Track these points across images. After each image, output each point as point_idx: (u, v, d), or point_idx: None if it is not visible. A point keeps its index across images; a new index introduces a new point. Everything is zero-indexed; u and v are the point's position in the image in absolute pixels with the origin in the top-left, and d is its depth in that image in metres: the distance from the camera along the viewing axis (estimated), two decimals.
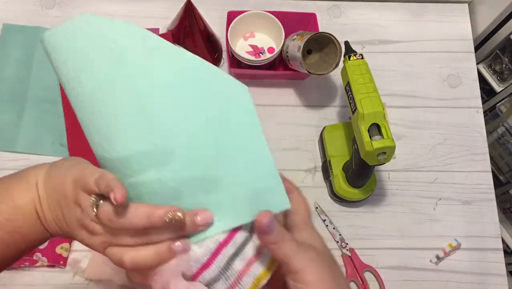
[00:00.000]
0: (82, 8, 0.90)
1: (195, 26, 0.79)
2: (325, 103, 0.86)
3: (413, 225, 0.79)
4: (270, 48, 0.85)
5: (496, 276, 0.76)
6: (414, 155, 0.83)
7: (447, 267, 0.77)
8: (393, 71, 0.89)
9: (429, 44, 0.91)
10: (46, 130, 0.80)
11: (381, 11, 0.93)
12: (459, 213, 0.80)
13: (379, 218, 0.79)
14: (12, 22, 0.88)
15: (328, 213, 0.78)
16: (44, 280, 0.72)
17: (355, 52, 0.70)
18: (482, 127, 0.85)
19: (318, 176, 0.81)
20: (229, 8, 0.83)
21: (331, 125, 0.81)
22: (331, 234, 0.77)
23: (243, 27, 0.83)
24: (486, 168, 0.83)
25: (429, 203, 0.80)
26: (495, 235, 0.79)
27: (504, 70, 0.93)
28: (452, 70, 0.89)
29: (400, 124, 0.85)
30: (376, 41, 0.91)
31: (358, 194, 0.75)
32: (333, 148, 0.78)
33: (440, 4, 0.94)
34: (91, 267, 0.71)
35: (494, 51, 0.93)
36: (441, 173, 0.82)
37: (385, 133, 0.64)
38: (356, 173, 0.71)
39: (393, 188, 0.81)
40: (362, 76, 0.67)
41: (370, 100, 0.65)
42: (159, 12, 0.89)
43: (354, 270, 0.75)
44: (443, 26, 0.93)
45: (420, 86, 0.88)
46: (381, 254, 0.77)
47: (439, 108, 0.86)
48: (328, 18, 0.92)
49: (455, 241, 0.77)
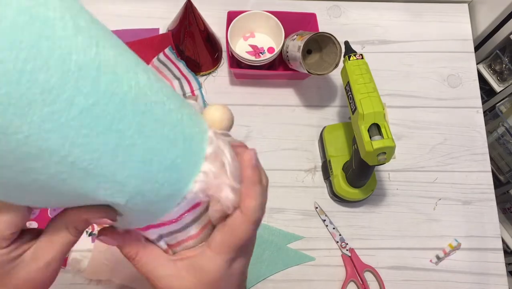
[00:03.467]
0: None
1: (195, 26, 0.79)
2: (325, 103, 0.86)
3: (413, 225, 0.79)
4: (270, 48, 0.85)
5: (496, 276, 0.76)
6: (414, 155, 0.83)
7: (447, 267, 0.77)
8: (393, 71, 0.89)
9: (429, 44, 0.91)
10: None
11: (381, 11, 0.93)
12: (459, 213, 0.80)
13: (379, 218, 0.79)
14: None
15: (328, 213, 0.79)
16: None
17: (355, 52, 0.70)
18: (482, 127, 0.85)
19: (318, 176, 0.81)
20: (229, 8, 0.83)
21: (331, 125, 0.81)
22: (331, 234, 0.77)
23: (243, 27, 0.83)
24: (486, 168, 0.83)
25: (429, 203, 0.80)
26: (495, 235, 0.79)
27: (504, 70, 0.93)
28: (452, 70, 0.89)
29: (400, 124, 0.85)
30: (376, 41, 0.91)
31: (358, 194, 0.75)
32: (333, 148, 0.79)
33: (440, 4, 0.94)
34: (91, 267, 0.71)
35: (494, 51, 0.93)
36: (441, 173, 0.82)
37: (385, 133, 0.64)
38: (356, 173, 0.71)
39: (393, 188, 0.81)
40: (362, 76, 0.67)
41: (370, 100, 0.65)
42: (159, 12, 0.89)
43: (354, 270, 0.75)
44: (443, 26, 0.93)
45: (420, 86, 0.88)
46: (381, 254, 0.77)
47: (439, 108, 0.86)
48: (328, 18, 0.92)
49: (455, 241, 0.77)
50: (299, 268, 0.76)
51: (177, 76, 0.83)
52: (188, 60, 0.84)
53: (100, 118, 0.26)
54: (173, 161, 0.31)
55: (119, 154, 0.27)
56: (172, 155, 0.30)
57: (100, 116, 0.26)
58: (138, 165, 0.29)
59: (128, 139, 0.28)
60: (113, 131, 0.27)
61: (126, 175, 0.28)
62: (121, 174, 0.28)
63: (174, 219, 0.34)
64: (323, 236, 0.77)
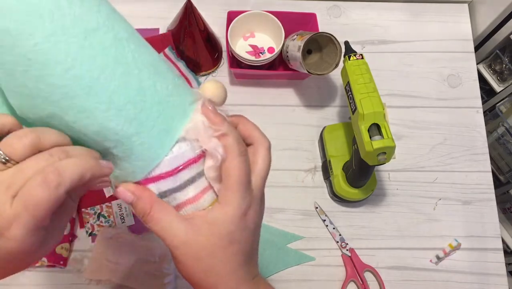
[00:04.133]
0: None
1: (195, 26, 0.79)
2: (325, 103, 0.86)
3: (413, 225, 0.79)
4: (270, 48, 0.85)
5: (496, 276, 0.76)
6: (414, 155, 0.83)
7: (447, 267, 0.77)
8: (393, 71, 0.89)
9: (429, 44, 0.91)
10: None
11: (381, 11, 0.93)
12: (459, 213, 0.80)
13: (379, 218, 0.79)
14: None
15: (328, 213, 0.79)
16: (44, 280, 0.72)
17: (355, 52, 0.70)
18: (482, 127, 0.85)
19: (318, 176, 0.81)
20: (229, 8, 0.83)
21: (331, 125, 0.81)
22: (331, 234, 0.77)
23: (243, 27, 0.83)
24: (486, 168, 0.83)
25: (429, 203, 0.80)
26: (495, 235, 0.79)
27: (504, 70, 0.93)
28: (452, 70, 0.89)
29: (400, 124, 0.85)
30: (376, 41, 0.91)
31: (358, 194, 0.75)
32: (333, 148, 0.79)
33: (440, 4, 0.94)
34: (91, 267, 0.72)
35: (494, 51, 0.93)
36: (441, 173, 0.82)
37: (385, 133, 0.64)
38: (356, 173, 0.71)
39: (393, 188, 0.81)
40: (362, 76, 0.67)
41: (370, 100, 0.65)
42: (159, 12, 0.89)
43: (354, 270, 0.75)
44: (443, 26, 0.93)
45: (420, 86, 0.88)
46: (381, 254, 0.77)
47: (439, 108, 0.86)
48: (328, 18, 0.92)
49: (455, 241, 0.77)
50: (299, 268, 0.75)
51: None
52: (188, 60, 0.84)
53: (101, 44, 0.31)
54: (166, 98, 0.35)
55: (115, 78, 0.32)
56: (164, 92, 0.35)
57: (100, 42, 0.31)
58: (133, 93, 0.33)
59: (123, 67, 0.32)
60: (110, 56, 0.32)
61: (122, 100, 0.32)
62: (118, 98, 0.32)
63: (170, 170, 0.36)
64: (323, 236, 0.77)
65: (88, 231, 0.75)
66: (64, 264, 0.72)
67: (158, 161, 0.35)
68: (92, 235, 0.74)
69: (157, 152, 0.35)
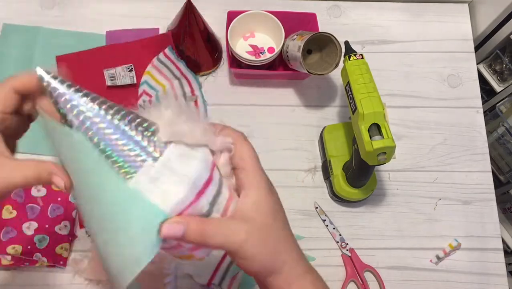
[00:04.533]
0: (81, 7, 0.90)
1: (195, 26, 0.79)
2: (325, 103, 0.86)
3: (413, 225, 0.79)
4: (270, 48, 0.85)
5: (496, 276, 0.76)
6: (414, 155, 0.83)
7: (447, 267, 0.77)
8: (393, 71, 0.89)
9: (429, 44, 0.91)
10: None
11: (381, 11, 0.93)
12: (459, 213, 0.80)
13: (379, 218, 0.79)
14: (12, 22, 0.88)
15: (328, 213, 0.78)
16: (44, 280, 0.72)
17: (355, 52, 0.70)
18: (482, 127, 0.85)
19: (318, 176, 0.81)
20: (229, 8, 0.83)
21: (331, 125, 0.81)
22: (331, 234, 0.77)
23: (243, 27, 0.83)
24: (486, 168, 0.83)
25: (429, 203, 0.80)
26: (495, 235, 0.79)
27: (504, 70, 0.93)
28: (452, 70, 0.89)
29: (400, 124, 0.85)
30: (376, 41, 0.91)
31: (358, 194, 0.75)
32: (333, 147, 0.79)
33: (440, 4, 0.94)
34: (91, 267, 0.71)
35: (494, 51, 0.93)
36: (441, 173, 0.82)
37: (385, 133, 0.64)
38: (356, 173, 0.71)
39: (393, 188, 0.81)
40: (362, 76, 0.67)
41: (370, 100, 0.65)
42: (159, 12, 0.89)
43: (354, 270, 0.75)
44: (443, 26, 0.93)
45: (420, 86, 0.88)
46: (381, 254, 0.77)
47: (439, 108, 0.86)
48: (328, 18, 0.92)
49: (455, 241, 0.77)
50: None
51: (177, 76, 0.83)
52: (188, 60, 0.84)
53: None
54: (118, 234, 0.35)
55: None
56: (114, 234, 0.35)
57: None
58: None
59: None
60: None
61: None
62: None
63: (208, 178, 0.36)
64: (323, 236, 0.77)
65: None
66: (64, 264, 0.72)
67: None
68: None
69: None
